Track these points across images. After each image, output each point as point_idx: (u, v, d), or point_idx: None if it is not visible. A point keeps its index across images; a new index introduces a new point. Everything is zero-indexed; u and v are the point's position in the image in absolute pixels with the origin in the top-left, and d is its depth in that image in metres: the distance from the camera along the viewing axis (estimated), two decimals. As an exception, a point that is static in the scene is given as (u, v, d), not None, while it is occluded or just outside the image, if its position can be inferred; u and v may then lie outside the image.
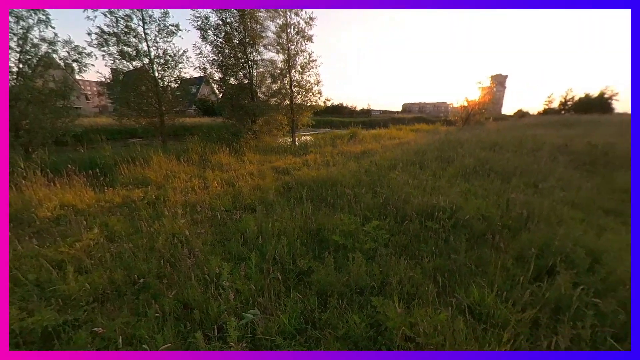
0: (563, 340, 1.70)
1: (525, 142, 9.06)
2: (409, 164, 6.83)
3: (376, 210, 3.96)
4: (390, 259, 2.72)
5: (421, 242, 3.12)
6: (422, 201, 3.90)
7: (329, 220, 3.54)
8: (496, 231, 3.07)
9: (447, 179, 5.42)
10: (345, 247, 3.04)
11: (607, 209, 3.95)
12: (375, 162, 7.32)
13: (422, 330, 1.79)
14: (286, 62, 13.00)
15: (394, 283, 2.34)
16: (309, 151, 10.10)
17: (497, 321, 1.94)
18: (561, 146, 8.15)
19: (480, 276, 2.42)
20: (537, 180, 5.08)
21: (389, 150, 9.58)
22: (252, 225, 3.36)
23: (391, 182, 5.14)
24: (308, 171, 6.50)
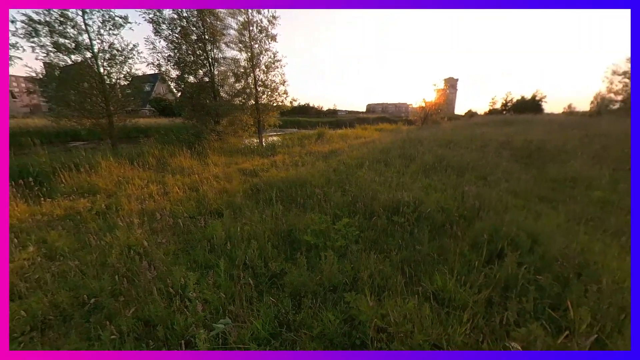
0: (511, 314, 1.92)
1: (474, 139, 10.01)
2: (374, 162, 7.11)
3: (346, 208, 4.05)
4: (360, 254, 2.81)
5: (389, 236, 3.26)
6: (388, 197, 4.08)
7: (300, 221, 3.53)
8: (454, 221, 3.35)
9: (410, 175, 5.75)
10: (317, 246, 3.06)
11: (542, 197, 4.55)
12: (343, 161, 7.48)
13: (393, 320, 1.88)
14: (250, 60, 12.65)
15: (365, 277, 2.42)
16: (277, 152, 9.96)
17: (457, 304, 2.12)
18: (504, 143, 9.17)
19: (442, 264, 2.62)
20: (485, 173, 5.64)
21: (356, 149, 9.86)
22: (219, 231, 3.21)
23: (359, 180, 5.29)
24: (277, 172, 6.40)
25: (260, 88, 13.28)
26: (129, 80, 9.98)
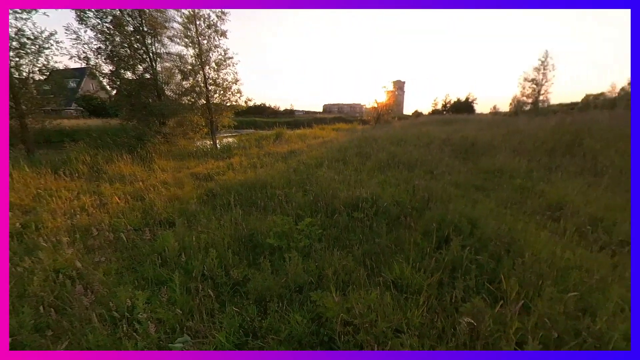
0: (459, 292, 2.16)
1: (421, 137, 10.97)
2: (333, 161, 7.28)
3: (308, 208, 4.07)
4: (324, 252, 2.85)
5: (350, 232, 3.38)
6: (348, 194, 4.23)
7: (262, 224, 3.44)
8: (407, 213, 3.62)
9: (367, 173, 6.04)
10: (281, 248, 3.02)
11: (477, 186, 5.20)
12: (302, 161, 7.50)
13: (358, 312, 1.95)
14: (198, 57, 11.83)
15: (330, 274, 2.46)
16: (233, 154, 9.51)
17: (414, 289, 2.30)
18: (445, 140, 10.24)
19: (399, 253, 2.81)
20: (432, 168, 6.23)
21: (315, 149, 9.97)
22: (171, 242, 2.93)
23: (319, 179, 5.37)
24: (234, 175, 6.13)
25: (212, 87, 12.52)
26: (46, 74, 8.49)
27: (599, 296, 2.03)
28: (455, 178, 5.41)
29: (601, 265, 2.44)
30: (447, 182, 5.08)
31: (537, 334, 1.71)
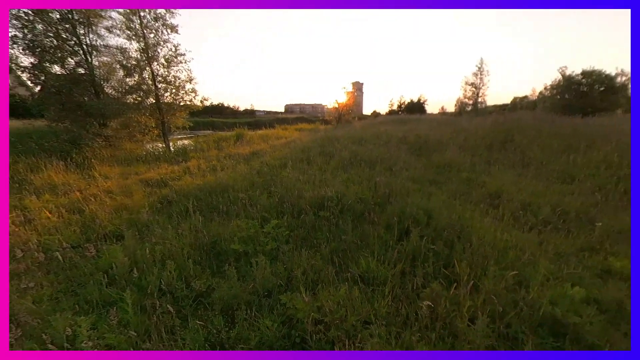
0: (419, 279, 2.33)
1: (380, 136, 11.55)
2: (297, 161, 7.26)
3: (273, 210, 4.00)
4: (292, 253, 2.83)
5: (317, 231, 3.41)
6: (314, 194, 4.26)
7: (225, 230, 3.28)
8: (371, 209, 3.78)
9: (331, 172, 6.16)
10: (247, 253, 2.92)
11: (431, 180, 5.66)
12: (266, 162, 7.34)
13: (328, 309, 1.98)
14: (143, 52, 10.75)
15: (299, 275, 2.46)
16: (189, 157, 8.88)
17: (380, 280, 2.42)
18: (402, 138, 10.94)
19: (365, 248, 2.92)
20: (391, 165, 6.60)
21: (278, 149, 9.83)
22: (120, 258, 2.63)
23: (284, 180, 5.31)
24: (192, 180, 5.73)
25: (162, 85, 11.50)
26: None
27: (531, 270, 2.36)
28: (412, 173, 5.81)
29: (531, 243, 2.85)
30: (405, 178, 5.43)
31: (486, 309, 1.93)
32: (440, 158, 7.12)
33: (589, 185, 4.50)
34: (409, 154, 8.22)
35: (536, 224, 3.38)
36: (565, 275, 2.34)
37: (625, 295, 2.13)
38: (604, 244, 2.88)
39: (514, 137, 8.13)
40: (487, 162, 6.63)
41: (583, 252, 2.81)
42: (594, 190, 4.32)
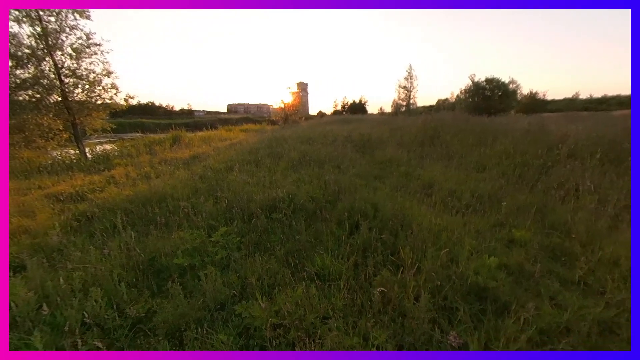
0: (370, 269, 2.49)
1: (327, 136, 11.91)
2: (245, 163, 6.96)
3: (221, 217, 3.75)
4: (245, 260, 2.71)
5: (270, 234, 3.33)
6: (264, 196, 4.14)
7: (165, 244, 2.94)
8: (322, 207, 3.87)
9: (281, 172, 6.08)
10: (194, 266, 2.67)
11: (375, 175, 6.10)
12: (209, 166, 6.82)
13: (286, 312, 1.96)
14: (40, 38, 8.80)
15: (254, 282, 2.36)
16: (113, 164, 7.67)
17: (335, 275, 2.50)
18: (347, 137, 11.50)
19: (319, 245, 2.98)
20: (338, 163, 6.87)
21: (223, 152, 9.25)
22: (21, 293, 2.11)
23: (231, 184, 5.03)
24: (119, 190, 4.96)
25: (70, 79, 9.61)
26: None
27: (459, 248, 2.75)
28: (358, 170, 6.16)
29: (458, 225, 3.32)
30: (352, 175, 5.72)
31: (427, 287, 2.18)
32: (382, 155, 7.73)
33: (496, 172, 5.48)
34: (354, 151, 8.68)
35: (460, 207, 3.95)
36: (484, 248, 2.80)
37: (524, 258, 2.66)
38: (508, 219, 3.55)
39: (440, 134, 9.33)
40: (420, 157, 7.46)
41: (495, 227, 3.41)
42: (499, 176, 5.27)
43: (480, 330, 1.83)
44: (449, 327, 1.91)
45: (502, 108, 25.15)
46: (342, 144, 9.59)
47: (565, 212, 3.53)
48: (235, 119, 35.78)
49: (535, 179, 4.75)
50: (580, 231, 3.04)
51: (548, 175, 4.79)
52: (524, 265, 2.56)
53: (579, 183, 4.16)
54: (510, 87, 25.77)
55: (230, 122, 27.02)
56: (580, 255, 2.62)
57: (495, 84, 25.59)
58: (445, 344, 1.73)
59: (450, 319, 2.01)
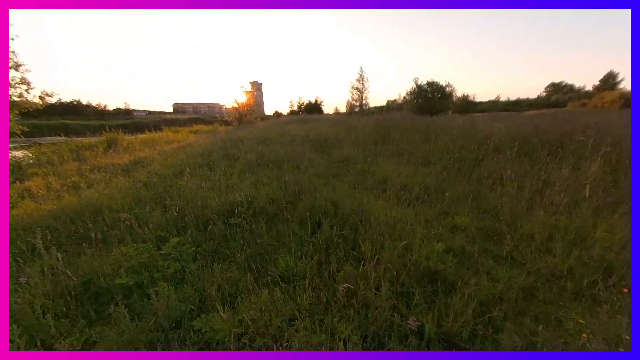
0: (334, 265, 2.55)
1: (284, 136, 11.80)
2: (197, 167, 6.48)
3: (172, 226, 3.44)
4: (202, 271, 2.53)
5: (229, 240, 3.17)
6: (221, 201, 3.92)
7: (103, 263, 2.58)
8: (283, 208, 3.83)
9: (238, 175, 5.82)
10: (141, 285, 2.39)
11: (333, 174, 6.25)
12: (155, 171, 6.18)
13: (250, 319, 1.89)
14: None
15: (214, 293, 2.22)
16: (28, 174, 6.41)
17: (300, 276, 2.49)
18: (305, 137, 11.55)
19: (282, 247, 2.94)
20: (297, 163, 6.86)
21: (170, 155, 8.46)
22: None
23: (182, 190, 4.63)
24: (37, 205, 4.17)
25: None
26: None
27: (412, 237, 2.99)
28: (317, 169, 6.24)
29: (410, 216, 3.60)
30: (312, 174, 5.77)
31: (386, 276, 2.32)
32: (339, 153, 7.96)
33: (439, 166, 6.10)
34: (313, 151, 8.77)
35: (411, 200, 4.29)
36: (432, 235, 3.09)
37: (465, 241, 3.02)
38: (451, 207, 3.98)
39: (390, 133, 10.00)
40: (374, 155, 7.88)
41: (440, 215, 3.79)
42: (442, 169, 5.88)
43: (434, 310, 2.02)
44: (408, 311, 2.07)
45: (441, 109, 28.11)
46: (300, 144, 9.61)
47: (494, 198, 4.10)
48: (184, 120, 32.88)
49: (470, 170, 5.42)
50: (505, 213, 3.57)
51: (480, 167, 5.51)
52: (465, 247, 2.90)
53: (503, 173, 4.88)
54: (447, 90, 28.93)
55: (177, 123, 24.73)
56: (506, 234, 3.08)
57: (435, 87, 28.48)
58: (405, 328, 1.86)
59: (408, 303, 2.18)
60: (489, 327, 1.91)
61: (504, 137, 6.53)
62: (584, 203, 3.50)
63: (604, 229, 2.89)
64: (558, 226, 3.05)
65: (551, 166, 4.79)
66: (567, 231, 2.96)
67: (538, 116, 11.55)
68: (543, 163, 5.00)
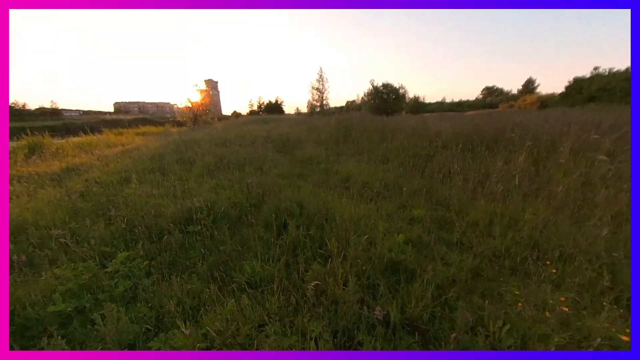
0: (302, 266, 2.54)
1: (245, 136, 11.38)
2: (147, 172, 5.90)
3: (119, 240, 3.07)
4: (158, 286, 2.31)
5: (188, 250, 2.95)
6: (176, 208, 3.62)
7: (31, 289, 2.20)
8: (247, 211, 3.69)
9: (195, 179, 5.45)
10: (82, 309, 2.10)
11: (297, 174, 6.24)
12: (95, 179, 5.46)
13: (215, 332, 1.79)
14: None
15: (173, 308, 2.05)
16: None
17: (267, 280, 2.43)
18: (266, 137, 11.30)
19: (247, 252, 2.84)
20: (260, 164, 6.69)
21: (113, 161, 7.55)
22: None
23: (130, 199, 4.17)
24: None
25: None
26: None
27: (375, 231, 3.14)
28: (281, 170, 6.16)
29: (372, 211, 3.77)
30: (275, 175, 5.68)
31: (353, 271, 2.40)
32: (302, 153, 7.97)
33: (396, 163, 6.50)
34: (275, 152, 8.63)
35: (373, 196, 4.50)
36: (393, 228, 3.28)
37: (422, 231, 3.27)
38: (409, 201, 4.28)
39: (351, 132, 10.34)
40: (337, 154, 8.07)
41: (399, 209, 4.04)
42: (399, 166, 6.28)
43: (397, 298, 2.15)
44: (374, 302, 2.17)
45: (396, 109, 29.95)
46: (262, 145, 9.38)
47: (445, 190, 4.52)
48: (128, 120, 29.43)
49: (424, 166, 5.88)
50: (454, 204, 3.96)
51: (431, 163, 6.01)
52: (422, 237, 3.14)
53: (450, 167, 5.40)
54: (400, 91, 30.92)
55: (120, 124, 22.08)
56: (456, 222, 3.42)
57: (390, 89, 30.22)
58: (373, 319, 1.95)
59: (374, 294, 2.28)
60: (446, 308, 2.10)
61: (450, 135, 7.23)
62: (515, 191, 4.05)
63: (530, 212, 3.39)
64: (496, 212, 3.49)
65: (489, 160, 5.45)
66: (503, 216, 3.39)
67: (477, 116, 13.03)
68: (482, 157, 5.66)
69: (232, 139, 10.68)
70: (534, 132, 6.06)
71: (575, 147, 4.84)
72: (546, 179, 4.32)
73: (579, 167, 4.34)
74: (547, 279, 2.36)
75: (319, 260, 2.61)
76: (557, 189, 3.86)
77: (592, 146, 4.79)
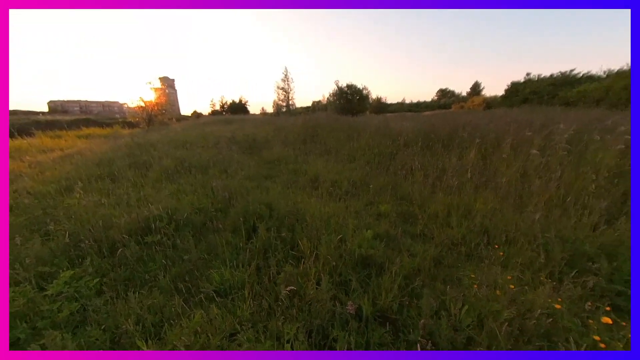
0: (273, 269, 2.49)
1: (207, 138, 10.79)
2: (93, 180, 5.28)
3: (62, 257, 2.71)
4: (112, 305, 2.09)
5: (147, 262, 2.71)
6: (131, 218, 3.30)
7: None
8: (212, 217, 3.51)
9: (152, 185, 5.03)
10: (16, 341, 1.80)
11: (265, 175, 6.10)
12: (26, 189, 4.73)
13: (182, 346, 1.67)
14: None
15: (131, 327, 1.86)
16: None
17: (237, 287, 2.34)
18: (231, 138, 10.84)
19: (215, 260, 2.70)
20: (225, 167, 6.40)
21: (50, 168, 6.61)
22: None
23: (73, 210, 3.70)
24: None
25: None
26: None
27: (345, 228, 3.21)
28: (247, 172, 5.97)
29: (341, 209, 3.85)
30: (242, 177, 5.49)
31: (326, 270, 2.42)
32: (269, 154, 7.82)
33: (362, 162, 6.72)
34: (241, 153, 8.35)
35: (342, 194, 4.60)
36: (362, 224, 3.39)
37: (389, 226, 3.43)
38: (375, 198, 4.45)
39: (318, 132, 10.42)
40: (304, 154, 8.07)
41: (367, 206, 4.19)
42: (365, 164, 6.50)
43: (369, 292, 2.23)
44: (347, 298, 2.21)
45: (360, 109, 30.95)
46: (227, 146, 9.00)
47: (408, 186, 4.80)
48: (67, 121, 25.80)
49: (388, 164, 6.17)
50: (417, 198, 4.22)
51: (395, 160, 6.33)
52: (389, 231, 3.29)
53: (412, 164, 5.76)
54: (364, 92, 32.02)
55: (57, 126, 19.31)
56: (418, 215, 3.66)
57: (354, 90, 31.12)
58: (345, 314, 1.99)
59: (346, 291, 2.33)
60: (413, 297, 2.23)
61: (411, 134, 7.69)
62: (468, 184, 4.46)
63: (481, 202, 3.77)
64: (453, 204, 3.80)
65: (445, 156, 5.91)
66: (458, 207, 3.71)
67: (433, 116, 14.06)
68: (439, 154, 6.13)
69: (193, 140, 10.07)
70: (482, 130, 6.74)
71: (515, 143, 5.49)
72: (493, 172, 4.82)
73: (517, 160, 4.93)
74: (497, 261, 2.64)
75: (291, 262, 2.59)
76: (501, 180, 4.34)
77: (527, 142, 5.48)
